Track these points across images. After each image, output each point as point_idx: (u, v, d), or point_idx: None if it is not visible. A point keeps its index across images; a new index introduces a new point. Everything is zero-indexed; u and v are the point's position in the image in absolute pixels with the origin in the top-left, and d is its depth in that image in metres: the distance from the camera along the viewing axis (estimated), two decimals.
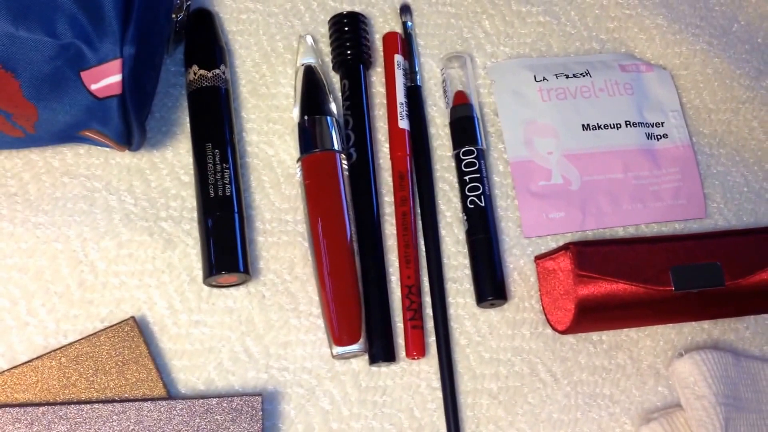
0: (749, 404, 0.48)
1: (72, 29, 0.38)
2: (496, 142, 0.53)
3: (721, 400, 0.46)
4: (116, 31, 0.38)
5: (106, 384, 0.41)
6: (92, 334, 0.42)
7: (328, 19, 0.52)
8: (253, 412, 0.42)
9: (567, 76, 0.54)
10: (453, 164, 0.51)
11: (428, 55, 0.54)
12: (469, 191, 0.49)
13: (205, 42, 0.48)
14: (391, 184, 0.50)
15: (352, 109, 0.50)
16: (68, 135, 0.42)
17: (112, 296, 0.44)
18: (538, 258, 0.50)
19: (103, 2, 0.38)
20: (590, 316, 0.46)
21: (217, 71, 0.47)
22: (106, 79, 0.39)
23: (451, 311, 0.48)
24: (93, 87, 0.39)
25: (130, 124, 0.41)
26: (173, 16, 0.46)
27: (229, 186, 0.45)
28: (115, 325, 0.42)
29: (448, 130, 0.52)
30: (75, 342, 0.42)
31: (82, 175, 0.46)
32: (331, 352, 0.45)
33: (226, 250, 0.44)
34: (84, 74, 0.39)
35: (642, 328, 0.50)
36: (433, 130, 0.52)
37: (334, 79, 0.52)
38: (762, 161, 0.56)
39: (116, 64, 0.39)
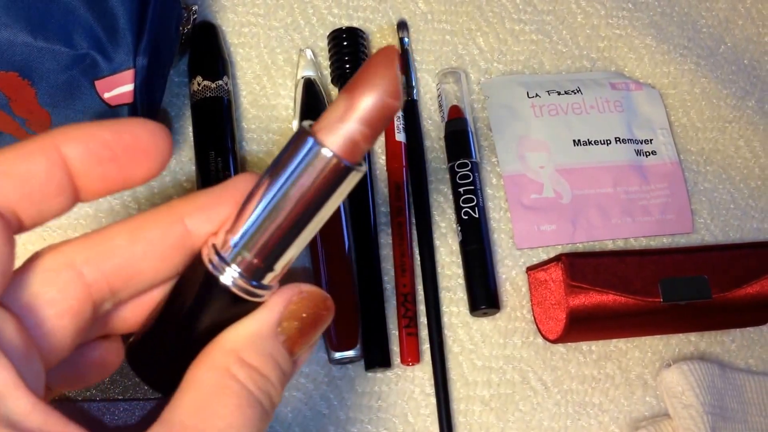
0: (735, 414, 0.52)
1: (88, 40, 0.42)
2: (489, 155, 0.57)
3: (708, 410, 0.50)
4: (130, 43, 0.42)
5: (110, 384, 0.45)
6: None
7: (328, 33, 0.56)
8: None
9: (559, 93, 0.58)
10: (448, 176, 0.55)
11: (424, 70, 0.58)
12: (463, 203, 0.53)
13: (209, 54, 0.52)
14: (388, 194, 0.54)
15: None
16: None
17: None
18: (530, 269, 0.54)
19: (119, 15, 0.42)
20: (581, 325, 0.50)
21: (220, 82, 0.51)
22: (119, 88, 0.43)
23: (445, 319, 0.52)
24: (106, 95, 0.43)
25: None
26: (180, 28, 0.50)
27: None
28: None
29: (443, 143, 0.56)
30: None
31: None
32: (329, 358, 0.49)
33: None
34: (98, 83, 0.43)
35: (631, 339, 0.54)
36: (428, 143, 0.56)
37: (333, 92, 0.56)
38: (748, 179, 0.60)
39: (129, 74, 0.43)
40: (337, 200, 0.24)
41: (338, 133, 0.23)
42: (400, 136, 0.54)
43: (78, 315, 0.25)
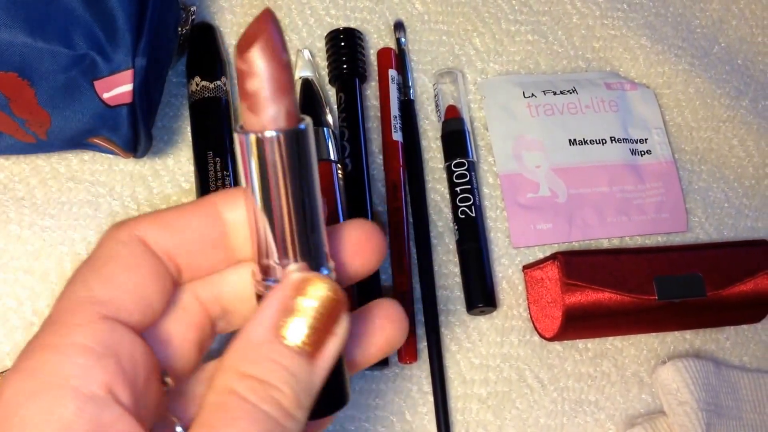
0: (729, 411, 0.52)
1: (87, 40, 0.42)
2: (485, 155, 0.57)
3: (702, 406, 0.50)
4: (129, 43, 0.42)
5: None
6: None
7: (325, 34, 0.56)
8: None
9: (554, 93, 0.59)
10: (444, 176, 0.55)
11: (421, 70, 0.58)
12: (460, 202, 0.54)
13: (208, 54, 0.52)
14: (385, 194, 0.54)
15: (347, 121, 0.54)
16: (78, 141, 0.46)
17: None
18: (527, 267, 0.54)
19: (118, 15, 0.42)
20: (577, 323, 0.50)
21: (219, 83, 0.51)
22: (118, 88, 0.43)
23: (442, 318, 0.52)
24: (105, 96, 0.43)
25: (138, 131, 0.45)
26: (179, 29, 0.50)
27: None
28: None
29: (439, 143, 0.56)
30: None
31: (86, 181, 0.50)
32: None
33: None
34: (97, 83, 0.43)
35: (626, 337, 0.54)
36: (425, 143, 0.56)
37: (330, 92, 0.56)
38: (741, 178, 0.60)
39: (128, 74, 0.43)
40: (313, 161, 0.26)
41: (263, 115, 0.24)
42: (397, 136, 0.55)
43: (200, 330, 0.28)
